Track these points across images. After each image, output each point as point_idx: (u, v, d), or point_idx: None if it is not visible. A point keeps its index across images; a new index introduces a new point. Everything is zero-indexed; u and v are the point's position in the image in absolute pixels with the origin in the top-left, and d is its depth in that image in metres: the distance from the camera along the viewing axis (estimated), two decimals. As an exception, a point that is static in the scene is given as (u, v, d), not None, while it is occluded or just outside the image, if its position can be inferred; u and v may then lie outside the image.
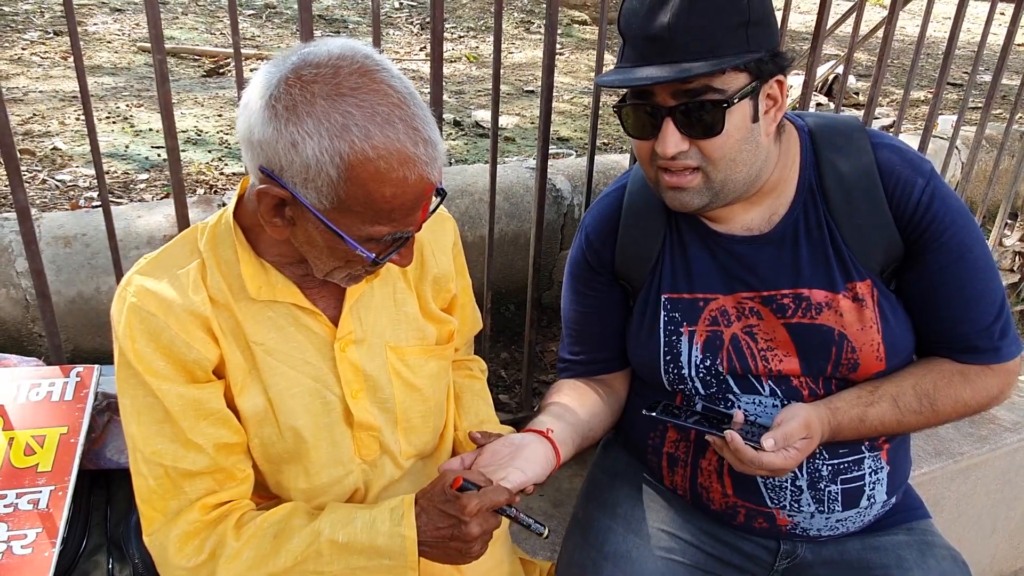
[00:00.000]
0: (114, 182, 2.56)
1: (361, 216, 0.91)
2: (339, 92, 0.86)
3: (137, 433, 1.01)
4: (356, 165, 0.86)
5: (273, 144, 0.87)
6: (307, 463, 1.11)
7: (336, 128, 0.85)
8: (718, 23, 1.05)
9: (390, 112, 0.87)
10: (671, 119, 1.10)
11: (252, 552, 1.02)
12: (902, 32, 6.38)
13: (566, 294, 1.42)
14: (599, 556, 1.32)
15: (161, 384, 0.99)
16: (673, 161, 1.13)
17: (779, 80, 1.12)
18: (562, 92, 4.16)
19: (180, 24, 4.86)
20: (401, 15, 5.56)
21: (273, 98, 0.86)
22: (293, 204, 0.92)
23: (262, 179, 0.92)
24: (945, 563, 1.29)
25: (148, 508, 1.04)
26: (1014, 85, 2.22)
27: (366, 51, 0.90)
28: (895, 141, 1.23)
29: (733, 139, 1.10)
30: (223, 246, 1.04)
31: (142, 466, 1.02)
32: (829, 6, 1.70)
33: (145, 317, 0.98)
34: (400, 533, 1.02)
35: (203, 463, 1.02)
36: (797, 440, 1.13)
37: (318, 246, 0.97)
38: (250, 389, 1.05)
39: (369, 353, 1.12)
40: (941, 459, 2.01)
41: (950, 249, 1.18)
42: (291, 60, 0.88)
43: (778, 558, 1.34)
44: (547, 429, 1.21)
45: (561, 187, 2.11)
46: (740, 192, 1.18)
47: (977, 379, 1.23)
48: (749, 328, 1.24)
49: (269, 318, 1.06)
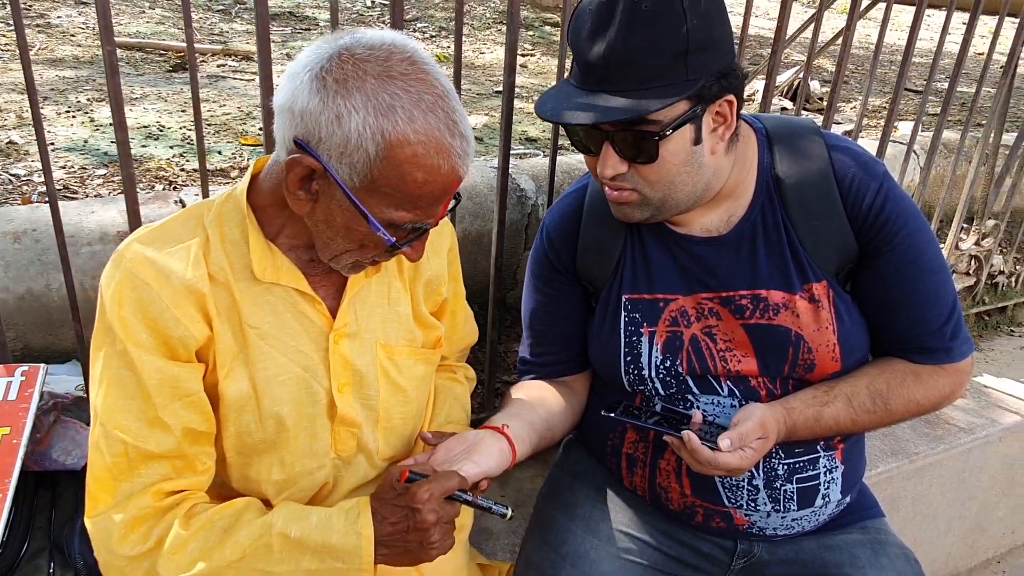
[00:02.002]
0: (70, 177, 2.50)
1: (388, 198, 0.93)
2: (389, 74, 0.89)
3: (103, 405, 0.98)
4: (395, 145, 0.88)
5: (316, 115, 0.88)
6: (283, 452, 1.09)
7: (383, 107, 0.87)
8: (654, 55, 1.03)
9: (434, 102, 0.90)
10: (609, 143, 1.10)
11: (198, 544, 0.99)
12: (867, 39, 6.50)
13: (527, 293, 1.42)
14: (557, 557, 1.32)
15: (143, 354, 0.97)
16: (611, 180, 1.13)
17: (729, 100, 1.10)
18: (532, 93, 4.16)
19: (147, 18, 4.77)
20: (373, 13, 5.53)
21: (324, 70, 0.88)
22: (322, 178, 0.92)
23: (294, 150, 0.92)
24: (898, 561, 1.31)
25: (98, 487, 1.00)
26: (971, 92, 2.27)
27: (415, 45, 0.94)
28: (850, 144, 1.25)
29: (670, 164, 1.10)
30: (230, 224, 1.03)
31: (101, 441, 0.98)
32: (788, 13, 1.71)
33: (138, 285, 0.97)
34: (356, 531, 1.01)
35: (167, 445, 0.99)
36: (753, 440, 1.14)
37: (335, 225, 0.97)
38: (236, 373, 1.04)
39: (360, 348, 1.12)
40: (897, 459, 2.04)
41: (903, 251, 1.19)
42: (343, 39, 0.91)
43: (735, 558, 1.34)
44: (502, 425, 1.21)
45: (525, 187, 2.11)
46: (685, 207, 1.18)
47: (929, 379, 1.25)
48: (708, 329, 1.24)
49: (268, 302, 1.05)
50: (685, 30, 1.02)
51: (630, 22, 1.02)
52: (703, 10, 1.03)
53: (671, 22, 1.02)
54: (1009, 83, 2.26)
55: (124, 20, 4.67)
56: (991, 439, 2.22)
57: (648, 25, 1.02)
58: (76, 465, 1.31)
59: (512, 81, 1.53)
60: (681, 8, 1.02)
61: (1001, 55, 2.31)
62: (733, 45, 1.11)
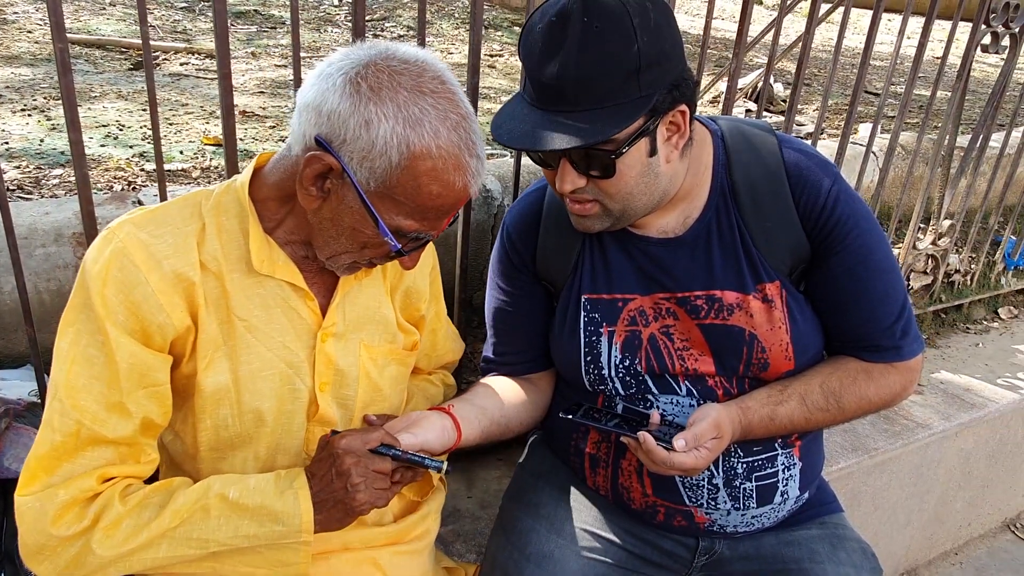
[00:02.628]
0: (25, 177, 2.44)
1: (401, 206, 0.96)
2: (421, 89, 0.93)
3: (65, 382, 0.96)
4: (418, 157, 0.92)
5: (345, 117, 0.91)
6: (259, 447, 1.09)
7: (412, 119, 0.91)
8: (606, 76, 1.03)
9: (458, 121, 0.95)
10: (566, 159, 1.11)
11: (134, 520, 0.97)
12: (829, 42, 6.62)
13: (489, 293, 1.42)
14: (521, 557, 1.32)
15: (120, 336, 0.96)
16: (572, 194, 1.14)
17: (682, 110, 1.11)
18: (500, 93, 4.16)
19: (107, 15, 4.67)
20: (340, 12, 5.48)
21: (359, 75, 0.91)
22: (338, 177, 0.95)
23: (313, 147, 0.94)
24: (855, 555, 1.33)
25: (37, 464, 0.97)
26: (928, 95, 2.32)
27: (443, 66, 0.98)
28: (803, 145, 1.27)
29: (627, 178, 1.11)
30: (227, 215, 1.04)
31: (55, 418, 0.96)
32: (750, 17, 1.74)
33: (126, 265, 0.96)
34: (293, 489, 1.01)
35: (123, 432, 0.98)
36: (707, 440, 1.15)
37: (341, 225, 0.99)
38: (217, 365, 1.03)
39: (345, 348, 1.13)
40: (857, 454, 2.08)
41: (854, 250, 1.21)
42: (377, 49, 0.95)
43: (697, 555, 1.36)
44: (448, 405, 1.23)
45: (491, 187, 2.11)
46: (644, 214, 1.20)
47: (881, 377, 1.28)
48: (666, 328, 1.25)
49: (259, 295, 1.05)
50: (636, 48, 1.02)
51: (582, 42, 1.02)
52: (652, 25, 1.04)
53: (622, 41, 1.02)
54: (963, 87, 2.32)
55: (84, 17, 4.57)
56: (948, 434, 2.28)
57: (599, 45, 1.02)
58: (29, 473, 1.28)
59: (476, 83, 1.53)
60: (631, 26, 1.02)
61: (956, 59, 2.37)
62: (683, 53, 1.12)
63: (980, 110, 2.56)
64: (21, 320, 1.41)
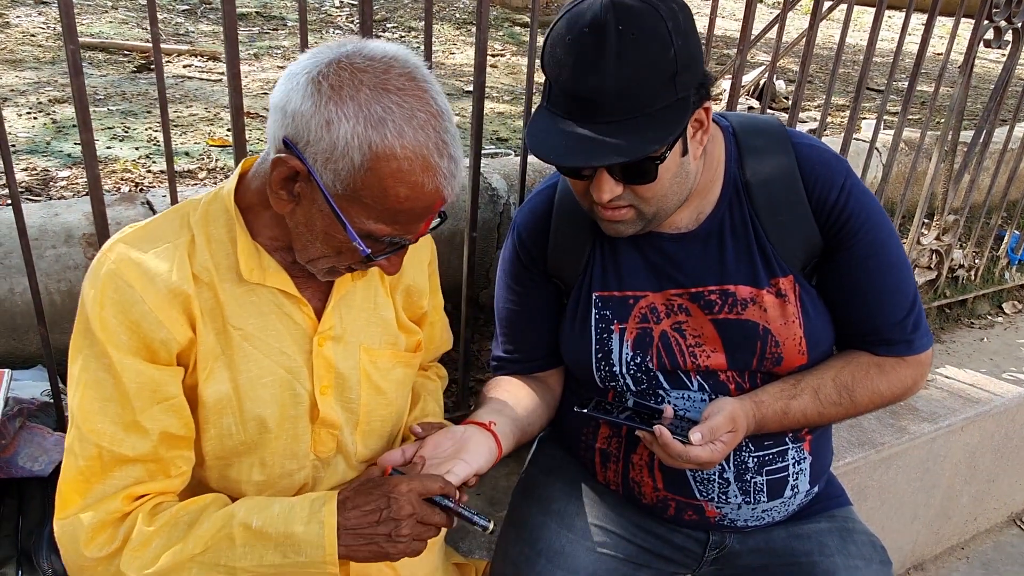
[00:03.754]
0: (33, 179, 2.45)
1: (369, 210, 0.93)
2: (385, 88, 0.89)
3: (79, 407, 0.97)
4: (381, 158, 0.89)
5: (307, 118, 0.89)
6: (264, 454, 1.08)
7: (374, 118, 0.88)
8: (646, 84, 1.03)
9: (427, 120, 0.90)
10: (604, 169, 1.10)
11: (162, 540, 0.97)
12: (831, 39, 6.62)
13: (499, 291, 1.43)
14: (533, 552, 1.33)
15: (123, 357, 0.95)
16: (608, 202, 1.13)
17: (706, 108, 1.12)
18: (503, 93, 4.17)
19: (110, 18, 4.68)
20: (342, 13, 5.49)
21: (321, 75, 0.88)
22: (306, 181, 0.93)
23: (281, 149, 0.92)
24: (865, 548, 1.34)
25: (68, 489, 0.98)
26: (931, 91, 2.33)
27: (417, 62, 0.94)
28: (814, 141, 1.27)
29: (664, 181, 1.12)
30: (215, 224, 1.02)
31: (76, 444, 0.97)
32: (753, 15, 1.75)
33: (120, 287, 0.95)
34: (319, 519, 0.99)
35: (143, 449, 0.98)
36: (723, 433, 1.16)
37: (314, 230, 0.97)
38: (217, 375, 1.03)
39: (344, 351, 1.12)
40: (864, 449, 2.09)
41: (866, 244, 1.22)
42: (346, 47, 0.91)
43: (707, 549, 1.37)
44: (489, 422, 1.22)
45: (497, 186, 2.12)
46: (671, 214, 1.21)
47: (892, 371, 1.28)
48: (678, 324, 1.26)
49: (252, 302, 1.04)
50: (672, 53, 1.02)
51: (620, 53, 1.01)
52: (683, 28, 1.04)
53: (659, 48, 1.02)
54: (966, 82, 2.32)
55: (86, 20, 4.58)
56: (953, 428, 2.28)
57: (637, 54, 1.01)
58: (43, 471, 1.29)
59: (482, 81, 1.53)
60: (667, 31, 1.02)
61: (959, 55, 2.37)
62: (702, 52, 1.13)
63: (983, 105, 2.56)
64: (34, 321, 1.42)
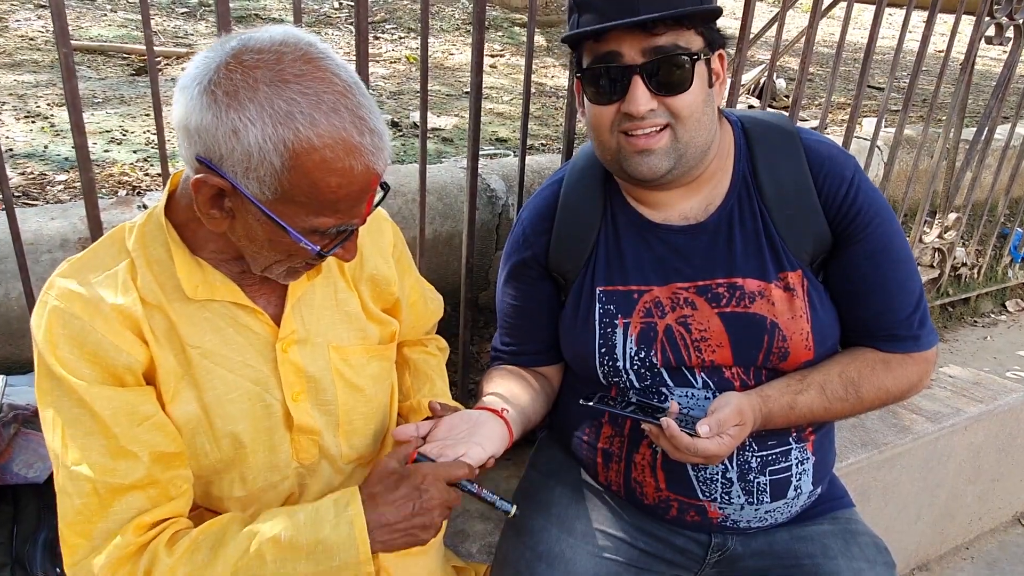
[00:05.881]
0: (30, 183, 2.44)
1: (305, 207, 0.89)
2: (283, 79, 0.83)
3: (62, 448, 0.93)
4: (301, 153, 0.84)
5: (212, 131, 0.84)
6: (243, 468, 1.06)
7: (280, 115, 0.83)
8: None
9: (336, 101, 0.85)
10: (640, 77, 1.12)
11: (187, 568, 0.94)
12: (832, 37, 6.61)
13: (500, 286, 1.43)
14: (533, 556, 1.32)
15: (90, 388, 0.92)
16: (642, 121, 1.14)
17: (721, 55, 1.18)
18: (502, 93, 4.16)
19: (109, 21, 4.68)
20: (341, 15, 5.48)
21: (212, 83, 0.83)
22: (233, 195, 0.89)
23: (199, 169, 0.88)
24: (868, 550, 1.33)
25: (71, 533, 0.94)
26: (932, 89, 2.31)
27: (309, 38, 0.88)
28: (822, 138, 1.28)
29: (698, 98, 1.14)
30: (154, 244, 0.99)
31: (67, 484, 0.94)
32: (752, 11, 1.73)
33: (68, 320, 0.92)
34: (347, 520, 0.97)
35: (137, 474, 0.95)
36: (730, 427, 1.15)
37: (258, 239, 0.93)
38: (183, 395, 1.00)
39: (312, 353, 1.09)
40: (867, 449, 2.08)
41: (875, 239, 1.23)
42: (230, 45, 0.85)
43: (709, 551, 1.35)
44: (502, 410, 1.22)
45: (496, 187, 2.11)
46: (697, 160, 1.20)
47: (898, 367, 1.27)
48: (683, 319, 1.25)
49: (206, 319, 1.01)
50: None
51: None
52: None
53: None
54: (967, 80, 2.31)
55: (86, 23, 4.58)
56: (957, 428, 2.27)
57: None
58: (38, 478, 1.28)
59: (479, 81, 1.52)
60: None
61: (959, 53, 2.36)
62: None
63: (984, 103, 2.55)
64: (28, 326, 1.41)
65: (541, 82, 4.52)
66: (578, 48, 1.18)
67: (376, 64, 4.42)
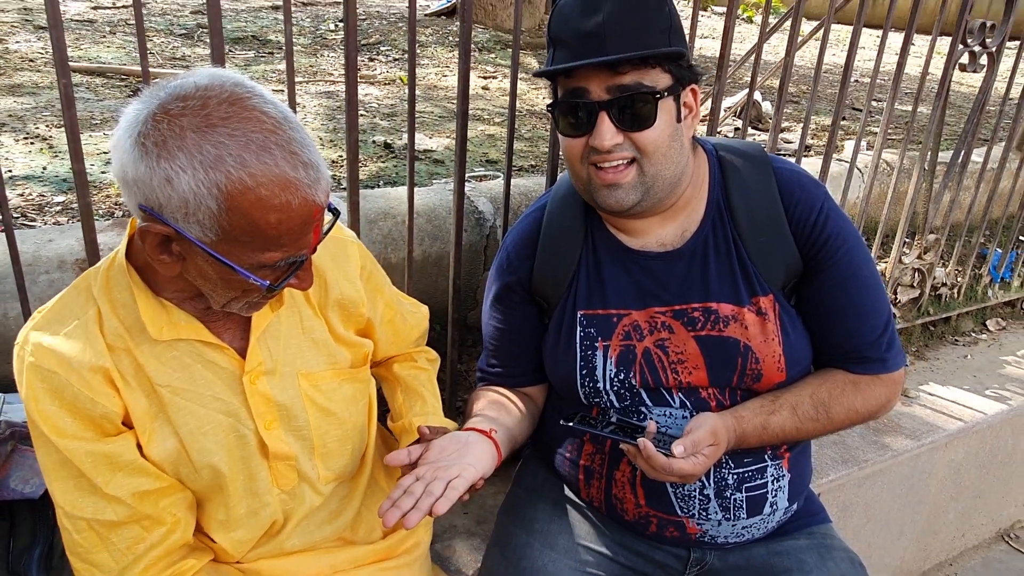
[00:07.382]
0: (28, 205, 2.49)
1: (249, 245, 0.90)
2: (209, 123, 0.85)
3: (56, 488, 1.01)
4: (236, 195, 0.85)
5: (148, 182, 0.85)
6: (225, 496, 1.10)
7: (209, 159, 0.84)
8: (647, 25, 1.14)
9: (265, 139, 0.86)
10: (606, 113, 1.16)
11: None
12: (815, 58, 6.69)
13: (486, 310, 1.47)
14: (516, 571, 1.35)
15: (69, 444, 0.98)
16: (608, 154, 1.18)
17: (693, 89, 1.21)
18: (494, 115, 4.22)
19: (107, 43, 4.75)
20: (338, 37, 5.56)
21: (142, 135, 0.85)
22: (178, 240, 0.91)
23: (144, 217, 0.90)
24: (843, 565, 1.36)
25: (80, 563, 1.03)
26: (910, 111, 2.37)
27: (236, 78, 0.89)
28: (793, 166, 1.33)
29: (664, 133, 1.18)
30: (118, 289, 1.02)
31: (65, 521, 1.01)
32: (731, 39, 1.80)
33: (46, 375, 0.97)
34: None
35: (124, 513, 1.02)
36: (705, 447, 1.18)
37: (211, 279, 0.96)
38: (159, 433, 1.04)
39: (281, 383, 1.12)
40: (847, 466, 2.11)
41: (844, 265, 1.27)
42: (158, 95, 0.87)
43: (688, 565, 1.39)
44: (490, 430, 1.25)
45: (483, 209, 2.16)
46: (667, 192, 1.24)
47: (867, 388, 1.32)
48: (661, 342, 1.29)
49: (173, 357, 1.04)
50: (668, 10, 1.16)
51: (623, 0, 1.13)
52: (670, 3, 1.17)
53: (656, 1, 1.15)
54: (942, 105, 2.38)
55: (85, 45, 4.64)
56: (937, 445, 2.30)
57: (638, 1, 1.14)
58: (34, 494, 1.31)
59: (465, 108, 1.58)
60: None
61: (936, 70, 2.42)
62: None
63: (964, 125, 2.61)
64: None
65: (533, 103, 4.58)
66: (554, 81, 1.24)
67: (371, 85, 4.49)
